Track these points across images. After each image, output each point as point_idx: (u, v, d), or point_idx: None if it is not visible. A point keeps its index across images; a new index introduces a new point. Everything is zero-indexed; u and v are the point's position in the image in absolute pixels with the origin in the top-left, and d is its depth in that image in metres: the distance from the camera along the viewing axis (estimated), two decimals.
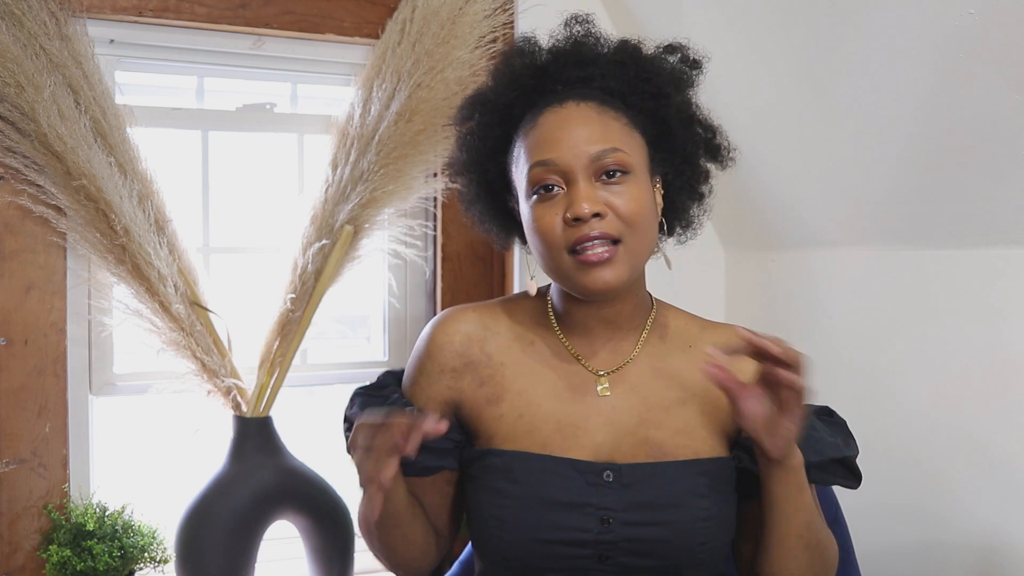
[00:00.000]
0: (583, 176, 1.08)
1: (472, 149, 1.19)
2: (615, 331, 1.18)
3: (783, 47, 1.61)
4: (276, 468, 1.64)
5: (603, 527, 1.09)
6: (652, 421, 1.14)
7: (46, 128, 1.53)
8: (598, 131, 1.09)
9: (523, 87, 1.15)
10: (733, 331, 1.17)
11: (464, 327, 1.21)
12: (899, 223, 1.61)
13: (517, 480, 1.12)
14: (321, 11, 1.82)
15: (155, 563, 1.67)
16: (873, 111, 1.51)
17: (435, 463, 1.18)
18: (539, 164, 1.09)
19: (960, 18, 1.28)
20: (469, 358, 1.19)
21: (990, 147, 1.38)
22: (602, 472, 1.11)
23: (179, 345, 1.62)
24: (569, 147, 1.08)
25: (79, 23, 1.61)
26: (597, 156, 1.08)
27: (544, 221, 1.09)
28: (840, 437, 1.17)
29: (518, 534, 1.11)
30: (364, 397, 1.24)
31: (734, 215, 1.95)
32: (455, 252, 1.97)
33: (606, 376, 1.17)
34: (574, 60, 1.14)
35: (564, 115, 1.10)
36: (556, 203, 1.08)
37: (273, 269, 1.74)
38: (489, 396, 1.18)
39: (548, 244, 1.09)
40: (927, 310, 1.60)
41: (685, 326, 1.22)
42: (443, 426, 1.01)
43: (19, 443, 1.64)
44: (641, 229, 1.09)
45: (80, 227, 1.60)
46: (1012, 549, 1.46)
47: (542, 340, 1.19)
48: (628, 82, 1.14)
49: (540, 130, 1.10)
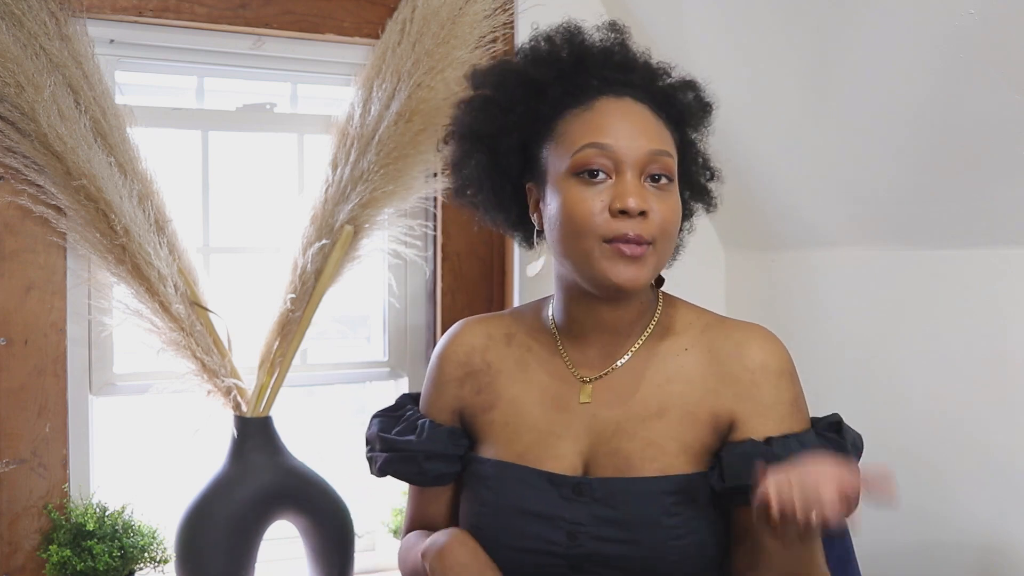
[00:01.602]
0: (633, 171, 1.07)
1: (489, 117, 1.15)
2: (612, 337, 1.15)
3: (783, 47, 1.61)
4: (276, 468, 1.64)
5: (572, 541, 1.08)
6: (626, 432, 1.11)
7: (46, 128, 1.53)
8: (656, 131, 1.09)
9: (562, 70, 1.12)
10: (742, 332, 1.16)
11: (469, 338, 1.22)
12: (899, 223, 1.61)
13: (492, 487, 1.13)
14: (321, 11, 1.82)
15: (155, 563, 1.67)
16: (873, 111, 1.51)
17: (448, 470, 1.20)
18: (593, 146, 1.07)
19: (960, 18, 1.28)
20: (471, 367, 1.20)
21: (990, 147, 1.38)
22: (575, 485, 1.10)
23: (179, 345, 1.62)
24: (628, 137, 1.07)
25: (79, 23, 1.61)
26: (653, 154, 1.07)
27: (584, 205, 1.06)
28: None
29: (492, 542, 1.11)
30: (382, 418, 1.26)
31: (734, 215, 1.94)
32: (455, 252, 1.97)
33: (590, 383, 1.15)
34: (617, 60, 1.13)
35: (624, 107, 1.10)
36: (600, 190, 1.06)
37: (273, 269, 1.74)
38: (484, 403, 1.18)
39: (583, 229, 1.06)
40: (927, 310, 1.59)
41: (689, 326, 1.17)
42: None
43: (19, 443, 1.64)
44: (671, 238, 1.09)
45: (80, 227, 1.60)
46: (1012, 549, 1.46)
47: (539, 347, 1.19)
48: (664, 98, 1.14)
49: (596, 114, 1.09)
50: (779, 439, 1.09)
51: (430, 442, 1.18)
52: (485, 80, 1.17)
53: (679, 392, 1.13)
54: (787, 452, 1.06)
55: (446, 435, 1.19)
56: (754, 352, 1.13)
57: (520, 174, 1.17)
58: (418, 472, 1.19)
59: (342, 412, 2.10)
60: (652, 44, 1.21)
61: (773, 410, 1.11)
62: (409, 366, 1.99)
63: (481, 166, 1.17)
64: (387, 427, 1.24)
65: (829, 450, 1.09)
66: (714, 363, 1.14)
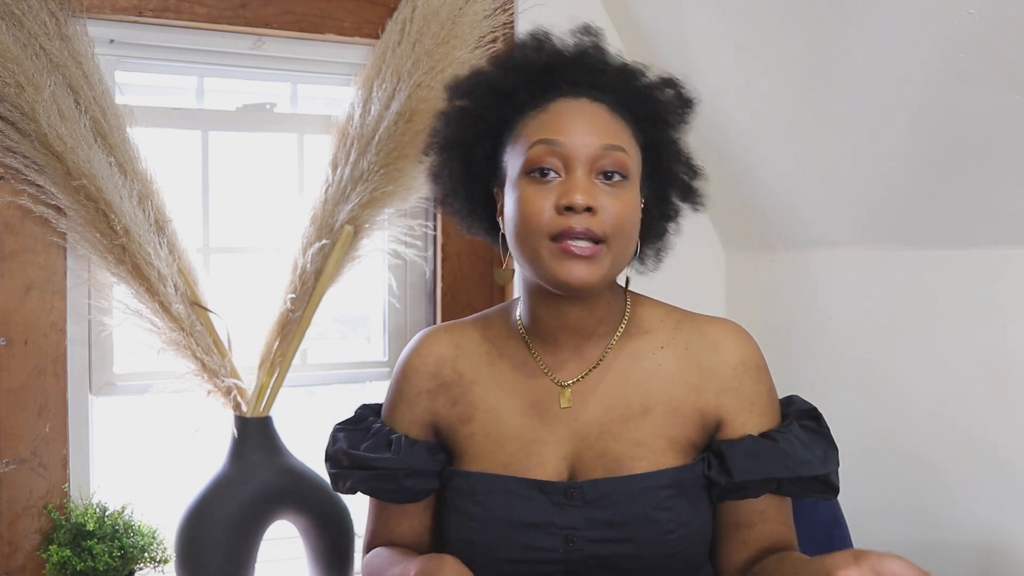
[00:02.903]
0: (584, 168, 1.06)
1: (463, 127, 1.16)
2: (583, 339, 1.15)
3: (783, 47, 1.61)
4: (276, 468, 1.64)
5: (569, 546, 1.08)
6: (612, 433, 1.11)
7: (46, 128, 1.53)
8: (608, 128, 1.09)
9: (530, 75, 1.13)
10: (714, 328, 1.17)
11: (437, 348, 1.20)
12: (899, 223, 1.61)
13: (481, 502, 1.11)
14: (321, 11, 1.82)
15: (155, 563, 1.67)
16: (873, 111, 1.51)
17: (426, 486, 1.18)
18: (543, 142, 1.07)
19: (960, 18, 1.28)
20: (442, 379, 1.18)
21: (990, 147, 1.38)
22: (565, 490, 1.09)
23: (179, 345, 1.62)
24: (578, 134, 1.07)
25: (79, 23, 1.61)
26: (604, 150, 1.06)
27: (532, 203, 1.06)
28: (820, 450, 1.12)
29: (487, 556, 1.10)
30: (345, 432, 1.23)
31: (734, 215, 1.95)
32: (455, 252, 1.97)
33: (569, 387, 1.14)
34: (585, 64, 1.13)
35: (578, 106, 1.09)
36: (550, 189, 1.06)
37: (273, 269, 1.74)
38: (461, 415, 1.16)
39: (531, 228, 1.06)
40: (927, 310, 1.60)
41: (660, 323, 1.18)
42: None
43: (19, 443, 1.64)
44: (626, 235, 1.08)
45: (80, 227, 1.60)
46: (1012, 549, 1.46)
47: (511, 354, 1.17)
48: (633, 98, 1.13)
49: (550, 114, 1.09)
50: (779, 434, 1.12)
51: (409, 459, 1.16)
52: (459, 90, 1.18)
53: (660, 390, 1.13)
54: (791, 447, 1.10)
55: (424, 451, 1.17)
56: (732, 348, 1.15)
57: (490, 180, 1.17)
58: (396, 490, 1.17)
59: (342, 412, 2.09)
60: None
61: (756, 404, 1.14)
62: None
63: (455, 175, 1.18)
64: (353, 442, 1.19)
65: (818, 439, 1.13)
66: (692, 360, 1.15)
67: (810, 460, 1.10)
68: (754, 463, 1.09)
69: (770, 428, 1.14)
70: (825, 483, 1.12)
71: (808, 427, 1.14)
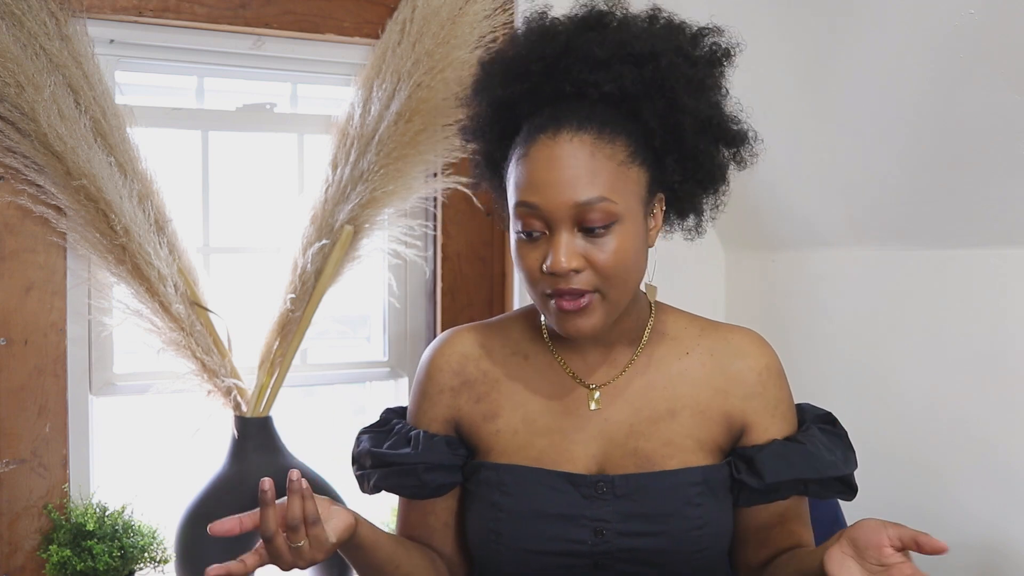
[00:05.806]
0: (566, 226, 1.04)
1: (478, 132, 1.18)
2: (609, 347, 1.17)
3: (783, 47, 1.61)
4: (276, 468, 1.64)
5: (598, 538, 1.10)
6: (641, 433, 1.14)
7: (46, 128, 1.53)
8: (586, 176, 1.04)
9: (532, 81, 1.09)
10: (738, 335, 1.19)
11: (460, 347, 1.21)
12: (899, 223, 1.61)
13: (510, 493, 1.13)
14: (321, 11, 1.82)
15: (155, 563, 1.67)
16: (873, 111, 1.51)
17: (448, 480, 1.18)
18: (523, 205, 1.06)
19: (960, 18, 1.28)
20: (466, 376, 1.20)
21: (990, 147, 1.38)
22: (595, 484, 1.11)
23: (179, 345, 1.62)
24: (555, 193, 1.03)
25: (79, 23, 1.61)
26: (582, 206, 1.03)
27: (525, 261, 1.08)
28: (840, 451, 1.16)
29: (514, 546, 1.11)
30: (370, 434, 1.24)
31: (734, 215, 1.93)
32: (455, 252, 1.97)
33: (598, 389, 1.16)
34: (589, 58, 1.08)
35: (556, 152, 1.04)
36: (538, 246, 1.06)
37: (273, 269, 1.75)
38: (486, 412, 1.18)
39: (529, 282, 1.09)
40: (927, 310, 1.60)
41: (684, 331, 1.20)
42: None
43: (19, 443, 1.64)
44: (621, 278, 1.07)
45: (80, 227, 1.60)
46: (1012, 549, 1.46)
47: (536, 356, 1.19)
48: (643, 87, 1.08)
49: (530, 165, 1.06)
50: (803, 437, 1.16)
51: (428, 453, 1.17)
52: (470, 92, 1.18)
53: (687, 393, 1.16)
54: (817, 449, 1.14)
55: (444, 445, 1.18)
56: (756, 354, 1.19)
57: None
58: (417, 485, 1.18)
59: (342, 412, 2.10)
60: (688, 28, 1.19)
61: (778, 408, 1.18)
62: (409, 366, 1.99)
63: (482, 168, 1.20)
64: (377, 443, 1.20)
65: (836, 442, 1.17)
66: (718, 365, 1.17)
67: (834, 461, 1.14)
68: (783, 465, 1.13)
69: (791, 433, 1.18)
70: (847, 484, 1.16)
71: (827, 430, 1.18)
